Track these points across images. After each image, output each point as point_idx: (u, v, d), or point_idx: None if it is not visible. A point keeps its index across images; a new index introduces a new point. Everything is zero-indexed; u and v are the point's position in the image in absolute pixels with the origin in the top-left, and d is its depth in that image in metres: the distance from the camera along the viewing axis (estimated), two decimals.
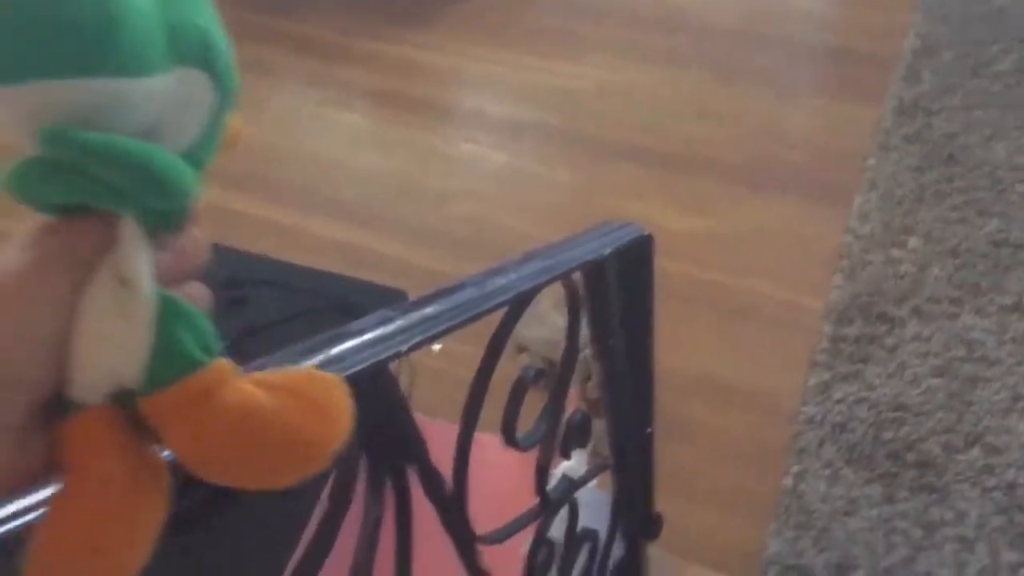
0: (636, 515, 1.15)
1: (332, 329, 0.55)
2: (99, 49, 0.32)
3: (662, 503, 1.18)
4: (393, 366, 0.58)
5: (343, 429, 0.36)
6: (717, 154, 2.17)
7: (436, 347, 1.93)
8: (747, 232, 2.02)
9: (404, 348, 0.56)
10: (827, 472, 1.57)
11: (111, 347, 0.35)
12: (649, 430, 1.10)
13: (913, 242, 1.91)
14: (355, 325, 0.57)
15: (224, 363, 0.36)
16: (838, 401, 1.68)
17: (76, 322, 0.35)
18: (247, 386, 0.35)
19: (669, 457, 1.20)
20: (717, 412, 1.69)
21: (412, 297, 0.64)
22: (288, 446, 0.35)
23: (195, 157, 0.37)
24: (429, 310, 0.61)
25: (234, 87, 0.39)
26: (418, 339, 0.58)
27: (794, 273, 1.92)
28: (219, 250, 0.42)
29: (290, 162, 2.30)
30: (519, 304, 0.74)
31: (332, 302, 1.82)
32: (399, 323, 0.58)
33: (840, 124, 2.18)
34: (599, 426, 1.05)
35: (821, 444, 1.61)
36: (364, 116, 2.47)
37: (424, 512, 0.68)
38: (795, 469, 1.58)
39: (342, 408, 0.37)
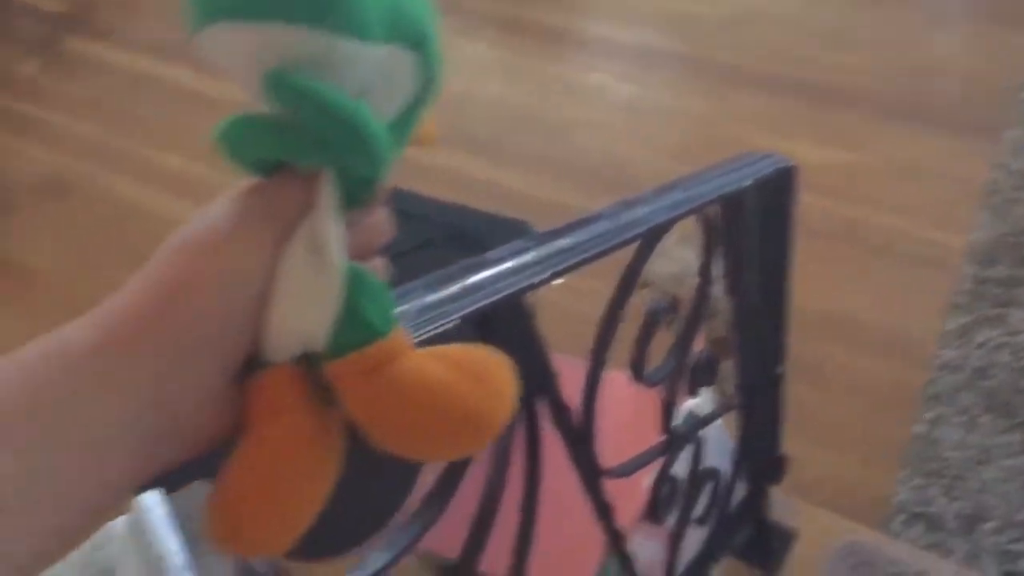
0: (761, 456, 1.12)
1: (452, 261, 0.54)
2: (337, 5, 0.33)
3: (787, 444, 1.16)
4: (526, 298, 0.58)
5: (508, 407, 0.37)
6: (858, 83, 2.07)
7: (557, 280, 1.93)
8: (888, 166, 1.93)
9: (539, 280, 0.55)
10: (963, 419, 1.51)
11: (301, 311, 0.36)
12: (780, 370, 1.08)
13: None
14: (491, 255, 0.57)
15: (403, 335, 0.37)
16: (978, 346, 1.60)
17: (272, 282, 0.36)
18: (424, 358, 0.36)
19: (796, 398, 1.16)
20: (849, 353, 1.63)
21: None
22: (458, 419, 0.36)
23: (392, 133, 0.38)
24: (564, 242, 0.60)
25: (436, 81, 0.39)
26: (553, 271, 0.57)
27: (937, 210, 1.82)
28: None
29: None
30: (654, 237, 0.72)
31: (452, 232, 1.83)
32: (534, 254, 0.58)
33: (993, 52, 2.03)
34: (724, 365, 1.02)
35: (958, 390, 1.54)
36: (491, 46, 2.44)
37: (550, 444, 0.68)
38: (929, 415, 1.52)
39: (509, 386, 0.37)
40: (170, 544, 0.92)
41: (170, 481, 0.97)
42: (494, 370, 0.37)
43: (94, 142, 2.58)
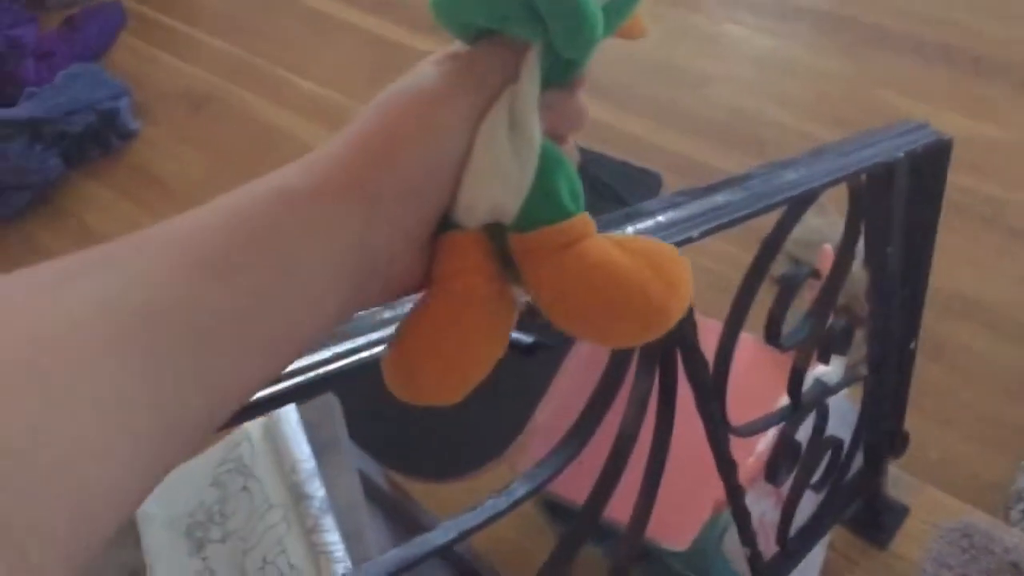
0: (882, 430, 1.11)
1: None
2: None
3: (909, 422, 1.14)
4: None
5: (684, 303, 0.37)
6: (1010, 55, 1.96)
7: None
8: None
9: (696, 234, 0.56)
10: None
11: (496, 179, 0.37)
12: (912, 346, 1.05)
13: None
14: (647, 206, 0.57)
15: (588, 219, 0.38)
16: None
17: (472, 146, 0.37)
18: (607, 243, 0.37)
19: (923, 376, 1.14)
20: (982, 337, 1.58)
21: (669, 185, 0.63)
22: (635, 306, 0.36)
23: (605, 14, 0.38)
24: (719, 198, 0.60)
25: None
26: (708, 226, 0.57)
27: None
28: None
29: None
30: (803, 203, 0.71)
31: (584, 177, 1.83)
32: (690, 208, 0.58)
33: None
34: (856, 336, 1.01)
35: None
36: None
37: (681, 396, 0.69)
38: None
39: (686, 283, 0.37)
40: (301, 451, 0.97)
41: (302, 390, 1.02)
42: (673, 264, 0.37)
43: (231, 58, 2.66)
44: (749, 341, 0.96)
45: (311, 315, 0.34)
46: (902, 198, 0.86)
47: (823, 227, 1.57)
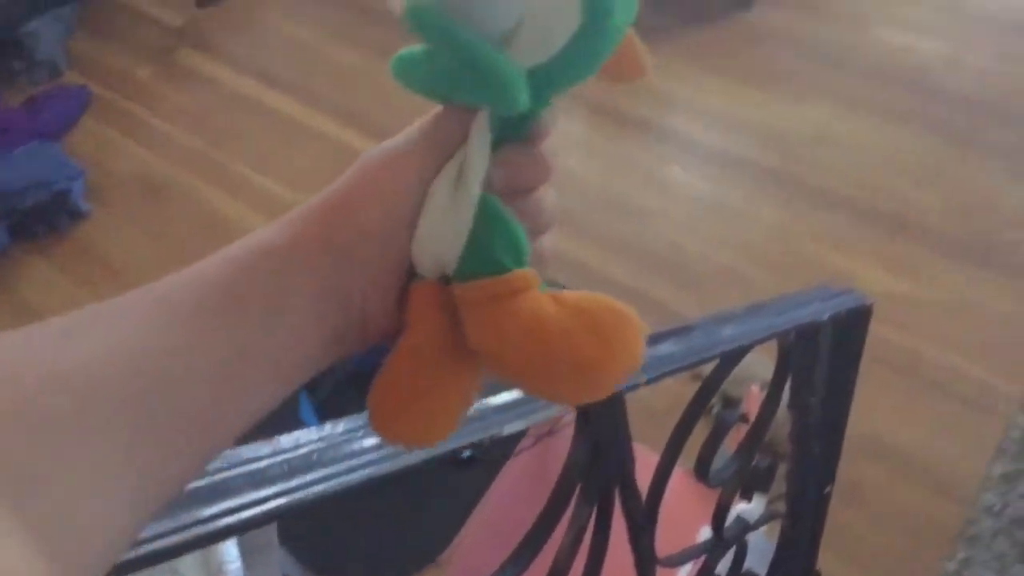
0: (796, 568, 1.16)
1: None
2: None
3: (822, 560, 1.19)
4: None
5: (622, 362, 0.37)
6: (932, 221, 2.12)
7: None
8: (952, 304, 1.96)
9: (644, 380, 0.62)
10: (996, 565, 1.53)
11: (437, 233, 0.39)
12: (828, 489, 1.12)
13: None
14: None
15: (529, 275, 0.39)
16: (1021, 496, 1.62)
17: (425, 200, 0.39)
18: (544, 298, 0.38)
19: (836, 517, 1.20)
20: (892, 481, 1.66)
21: None
22: (565, 363, 0.36)
23: (551, 73, 0.39)
24: (665, 348, 0.66)
25: (612, 17, 0.38)
26: (655, 374, 0.63)
27: (995, 355, 1.85)
28: None
29: None
30: (738, 356, 0.78)
31: None
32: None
33: None
34: (777, 476, 1.07)
35: (995, 535, 1.56)
36: (581, 125, 2.54)
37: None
38: (961, 555, 1.54)
39: (628, 343, 0.37)
40: (229, 553, 0.99)
41: None
42: (613, 321, 0.37)
43: (193, 152, 2.71)
44: (681, 474, 1.01)
45: (293, 360, 0.37)
46: (826, 354, 0.94)
47: (751, 363, 1.65)
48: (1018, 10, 2.52)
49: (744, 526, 0.97)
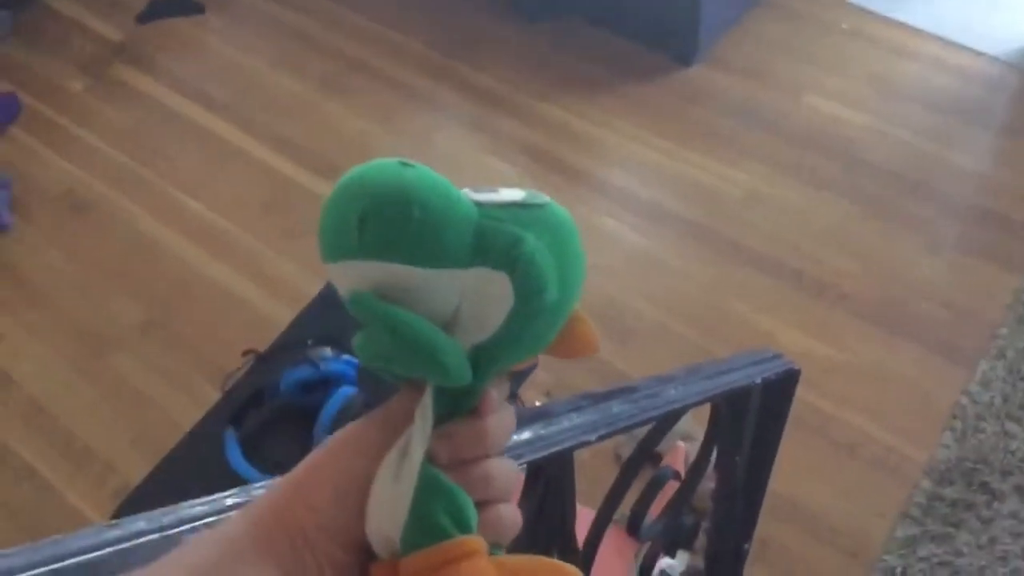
0: None
1: None
2: (417, 243, 0.39)
3: None
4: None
5: None
6: (850, 286, 2.20)
7: (538, 405, 2.01)
8: (866, 369, 2.04)
9: (594, 438, 0.64)
10: None
11: (383, 508, 0.40)
12: (747, 546, 1.16)
13: None
14: (553, 407, 0.65)
15: (474, 542, 0.40)
16: (922, 559, 1.69)
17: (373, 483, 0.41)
18: (487, 565, 0.39)
19: (745, 573, 1.24)
20: (801, 540, 1.71)
21: (540, 360, 0.70)
22: None
23: (491, 352, 0.42)
24: (614, 408, 0.69)
25: (544, 297, 0.42)
26: (604, 432, 0.65)
27: (904, 421, 1.93)
28: None
29: None
30: (677, 416, 0.81)
31: None
32: (590, 415, 0.66)
33: (979, 286, 2.18)
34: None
35: None
36: (516, 169, 2.57)
37: None
38: None
39: None
40: None
41: None
42: None
43: (122, 169, 2.66)
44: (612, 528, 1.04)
45: None
46: (754, 416, 0.98)
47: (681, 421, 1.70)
48: (941, 91, 2.66)
49: None
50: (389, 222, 0.39)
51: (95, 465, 2.01)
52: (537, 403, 2.00)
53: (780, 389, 0.98)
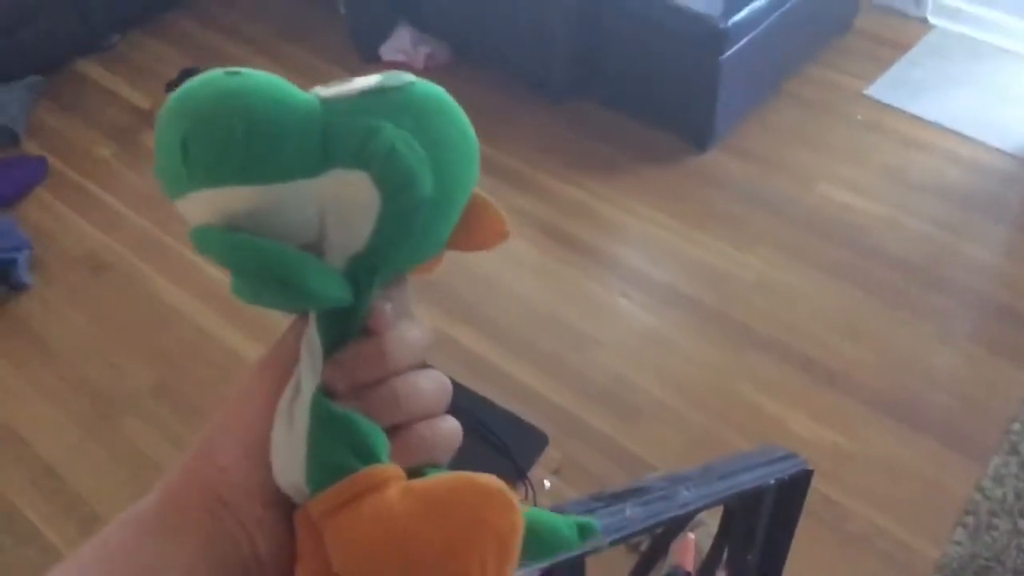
0: None
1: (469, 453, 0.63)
2: (256, 158, 0.35)
3: None
4: None
5: (487, 543, 0.35)
6: (862, 375, 2.20)
7: (547, 484, 2.00)
8: (876, 460, 2.03)
9: (606, 543, 0.64)
10: None
11: (283, 455, 0.37)
12: None
13: None
14: (565, 509, 0.66)
15: (382, 471, 0.36)
16: None
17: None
18: (392, 496, 0.35)
19: None
20: None
21: (550, 438, 0.71)
22: (417, 564, 0.34)
23: (370, 262, 0.38)
24: (627, 511, 0.69)
25: (414, 190, 0.38)
26: (615, 537, 0.66)
27: (916, 515, 1.91)
28: None
29: (452, 270, 2.44)
30: (689, 519, 0.81)
31: (474, 424, 1.90)
32: (601, 517, 0.67)
33: (993, 380, 2.18)
34: None
35: None
36: (530, 245, 2.60)
37: None
38: None
39: (489, 522, 0.35)
40: None
41: None
42: (472, 506, 0.35)
43: (140, 232, 2.70)
44: None
45: None
46: (767, 516, 0.97)
47: None
48: (954, 183, 2.69)
49: None
50: (212, 142, 0.35)
51: (99, 530, 2.01)
52: (545, 482, 1.99)
53: (794, 490, 0.98)
